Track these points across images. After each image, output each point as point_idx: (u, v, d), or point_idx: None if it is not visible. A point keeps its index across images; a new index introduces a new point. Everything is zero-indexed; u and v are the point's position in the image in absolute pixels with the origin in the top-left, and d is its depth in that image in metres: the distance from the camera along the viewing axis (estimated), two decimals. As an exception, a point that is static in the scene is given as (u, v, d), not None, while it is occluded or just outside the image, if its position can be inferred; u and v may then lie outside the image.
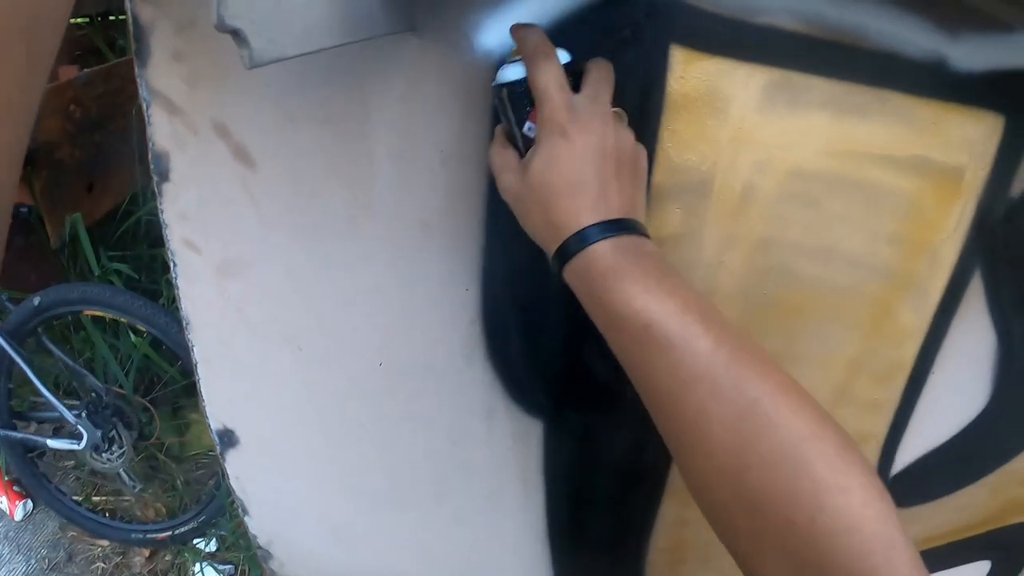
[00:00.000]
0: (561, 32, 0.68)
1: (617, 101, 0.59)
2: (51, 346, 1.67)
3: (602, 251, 0.51)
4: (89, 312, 1.55)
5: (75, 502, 1.86)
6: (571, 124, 0.53)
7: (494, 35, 0.70)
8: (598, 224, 0.52)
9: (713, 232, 0.77)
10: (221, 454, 1.24)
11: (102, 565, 1.83)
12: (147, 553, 1.81)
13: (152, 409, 1.71)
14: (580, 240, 0.52)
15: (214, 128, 0.81)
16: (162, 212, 0.90)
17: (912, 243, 0.83)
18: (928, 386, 0.95)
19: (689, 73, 0.70)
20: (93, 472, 1.96)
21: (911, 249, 0.83)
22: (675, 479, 0.96)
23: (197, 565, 1.74)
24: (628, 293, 0.49)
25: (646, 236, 0.54)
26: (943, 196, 0.80)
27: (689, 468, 0.49)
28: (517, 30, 0.59)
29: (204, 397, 1.14)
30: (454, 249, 0.81)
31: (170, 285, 1.76)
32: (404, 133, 0.76)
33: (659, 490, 0.97)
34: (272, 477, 1.26)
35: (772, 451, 0.44)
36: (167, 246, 0.93)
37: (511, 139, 0.60)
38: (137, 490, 1.86)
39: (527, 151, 0.56)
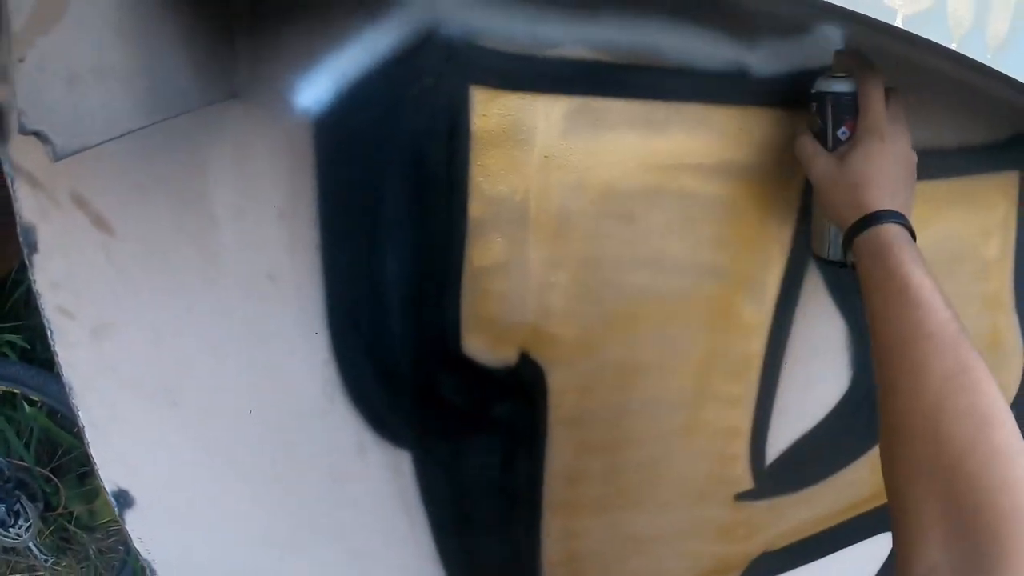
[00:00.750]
0: (369, 84, 0.72)
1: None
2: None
3: (892, 229, 0.66)
4: (-21, 386, 1.52)
5: (-9, 583, 1.82)
6: (888, 133, 0.69)
7: (309, 95, 0.75)
8: (892, 211, 0.67)
9: (537, 256, 0.81)
10: (120, 515, 1.24)
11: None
12: (63, 630, 1.78)
13: (56, 479, 1.68)
14: (879, 219, 0.67)
15: (73, 199, 0.85)
16: (34, 282, 0.93)
17: (739, 242, 0.87)
18: (784, 376, 0.99)
19: (491, 110, 0.75)
20: (4, 550, 1.91)
21: (739, 248, 0.88)
22: (551, 492, 0.99)
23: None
24: (902, 260, 0.63)
25: (915, 235, 0.68)
26: (761, 196, 0.85)
27: (896, 404, 0.59)
28: (846, 55, 0.73)
29: (96, 460, 1.15)
30: (299, 297, 0.85)
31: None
32: (240, 192, 0.81)
33: (537, 505, 1.00)
34: (173, 534, 1.26)
35: (969, 408, 0.54)
36: (43, 314, 0.95)
37: (819, 137, 0.74)
38: (49, 563, 1.82)
39: (835, 148, 0.72)
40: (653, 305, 0.87)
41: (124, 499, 1.21)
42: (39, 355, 1.71)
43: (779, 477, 1.08)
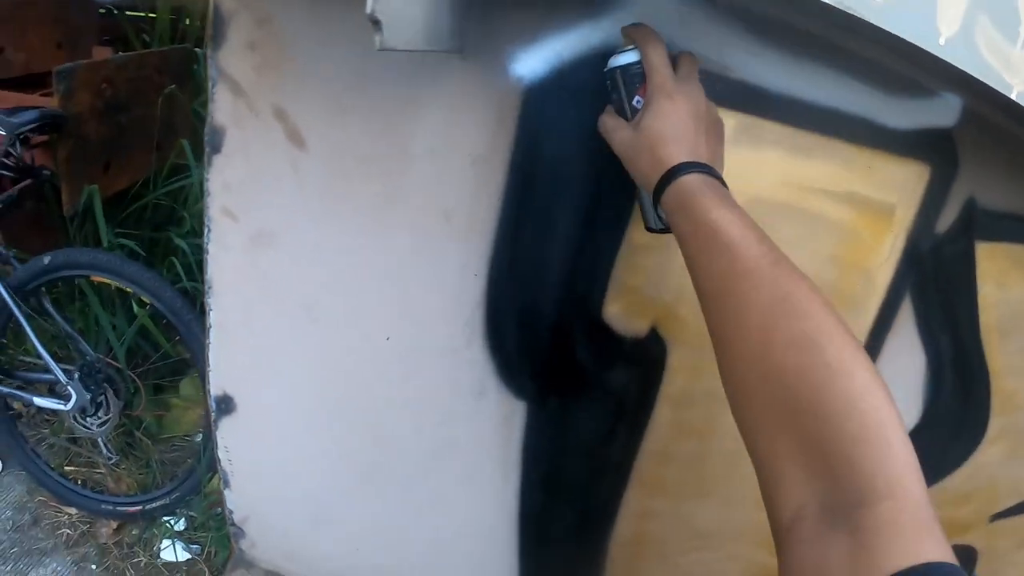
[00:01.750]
0: (578, 67, 0.83)
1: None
2: (51, 308, 1.72)
3: (693, 179, 0.67)
4: (96, 278, 1.60)
5: (48, 466, 1.89)
6: (675, 90, 0.70)
7: (525, 65, 0.86)
8: (691, 163, 0.68)
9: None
10: (215, 422, 1.33)
11: (68, 532, 1.85)
12: (115, 525, 1.83)
13: (139, 383, 1.76)
14: (678, 171, 0.67)
15: (273, 111, 0.94)
16: (207, 181, 1.01)
17: (849, 266, 0.96)
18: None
19: None
20: (71, 440, 1.99)
21: (849, 271, 0.96)
22: (641, 468, 1.07)
23: (165, 541, 1.77)
24: (707, 207, 0.63)
25: (724, 183, 0.69)
26: (876, 227, 0.94)
27: (726, 350, 0.59)
28: (629, 27, 0.76)
29: (211, 362, 1.23)
30: (470, 238, 0.93)
31: (172, 268, 1.85)
32: (440, 135, 0.90)
33: (624, 479, 1.08)
34: (262, 448, 1.34)
35: (795, 334, 0.53)
36: (205, 213, 1.04)
37: (619, 111, 0.77)
38: (112, 462, 1.90)
39: (634, 118, 0.74)
40: None
41: (226, 405, 1.29)
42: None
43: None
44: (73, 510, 1.90)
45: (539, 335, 0.99)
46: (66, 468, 1.96)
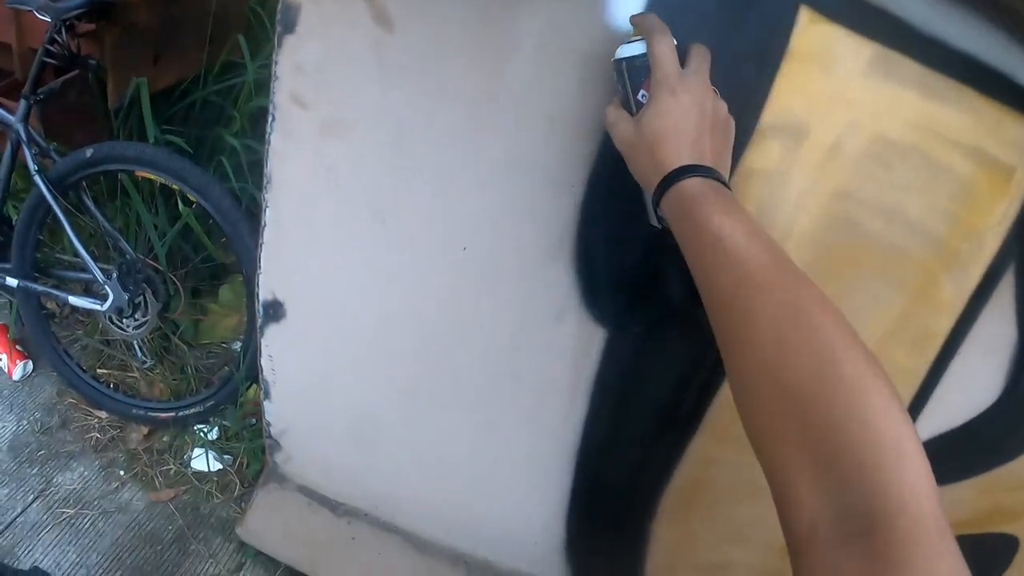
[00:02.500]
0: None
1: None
2: (90, 204, 1.67)
3: (694, 183, 0.64)
4: (141, 173, 1.53)
5: (80, 368, 1.86)
6: (679, 85, 0.66)
7: None
8: (693, 165, 0.65)
9: (802, 174, 0.83)
10: (261, 328, 1.28)
11: (96, 436, 1.83)
12: (145, 431, 1.81)
13: (179, 286, 1.72)
14: (679, 175, 0.65)
15: None
16: (276, 64, 0.94)
17: (962, 223, 0.89)
18: (953, 365, 1.02)
19: (811, 32, 0.77)
20: (104, 343, 1.96)
21: (961, 228, 0.89)
22: (714, 416, 1.02)
23: (196, 450, 1.75)
24: (709, 213, 0.61)
25: (728, 185, 0.66)
26: (994, 188, 0.87)
27: (735, 360, 0.57)
28: (636, 16, 0.72)
29: (261, 264, 1.18)
30: (573, 144, 0.86)
31: (219, 168, 1.79)
32: (552, 28, 0.81)
33: (694, 425, 1.03)
34: (309, 360, 1.29)
35: (808, 345, 0.51)
36: (271, 99, 0.97)
37: (624, 105, 0.73)
38: (147, 366, 1.87)
39: (638, 112, 0.70)
40: (875, 254, 0.89)
41: (275, 311, 1.24)
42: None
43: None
44: (103, 414, 1.88)
45: (631, 258, 0.92)
46: (98, 371, 1.93)
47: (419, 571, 1.46)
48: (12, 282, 1.74)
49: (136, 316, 1.70)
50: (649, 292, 0.93)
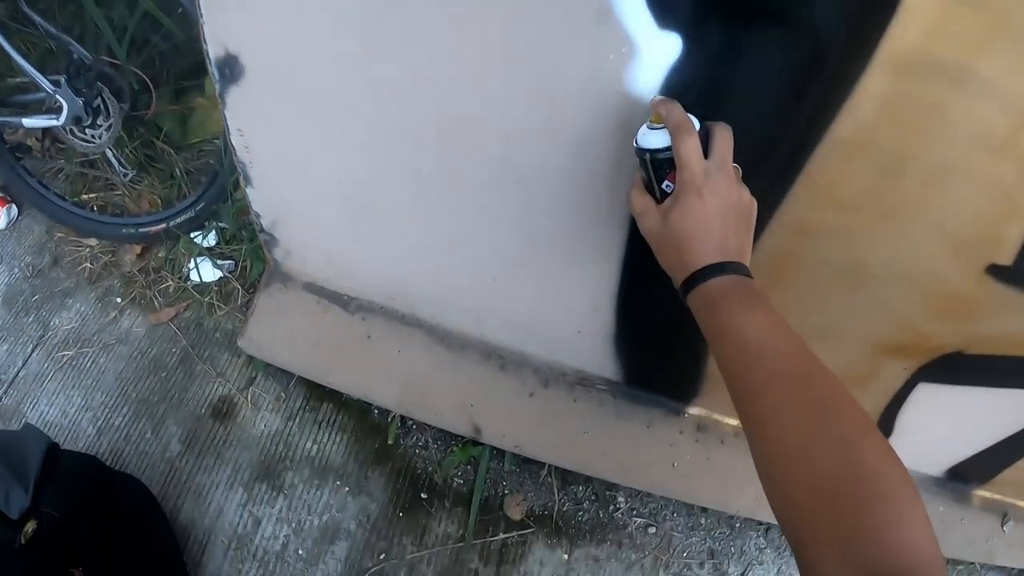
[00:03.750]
0: None
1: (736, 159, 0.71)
2: (27, 10, 1.41)
3: (720, 283, 0.67)
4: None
5: (61, 198, 1.68)
6: (705, 187, 0.68)
7: None
8: (718, 264, 0.68)
9: None
10: (220, 95, 1.03)
11: (89, 266, 1.69)
12: (138, 250, 1.66)
13: (146, 78, 1.48)
14: (704, 275, 0.68)
15: None
16: None
17: None
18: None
19: None
20: (86, 165, 1.77)
21: None
22: (814, 170, 0.79)
23: (192, 261, 1.59)
24: (733, 312, 0.65)
25: (751, 278, 0.69)
26: None
27: (761, 451, 0.59)
28: (661, 105, 0.71)
29: (202, 8, 0.92)
30: None
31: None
32: None
33: (788, 181, 0.80)
34: (284, 127, 1.04)
35: (833, 438, 0.55)
36: None
37: (648, 188, 0.75)
38: (129, 177, 1.68)
39: (663, 200, 0.72)
40: None
41: (230, 68, 0.98)
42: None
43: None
44: (93, 241, 1.72)
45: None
46: (84, 197, 1.75)
47: (445, 368, 1.29)
48: (-37, 121, 1.53)
49: (99, 122, 1.48)
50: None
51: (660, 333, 1.17)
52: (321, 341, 1.33)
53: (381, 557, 1.36)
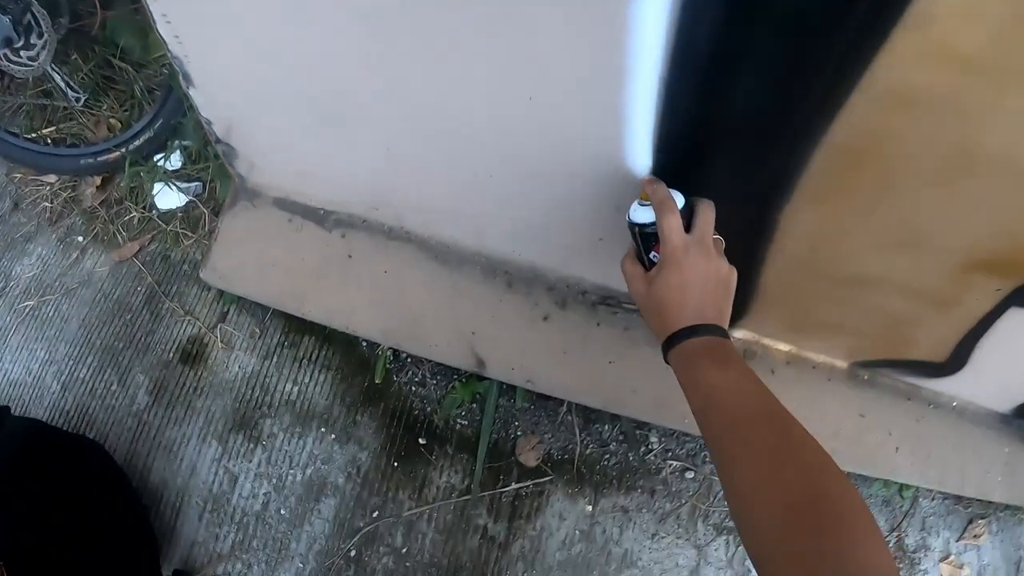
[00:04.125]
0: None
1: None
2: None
3: (694, 343, 0.75)
4: None
5: (14, 135, 1.52)
6: (684, 260, 0.76)
7: None
8: (694, 326, 0.75)
9: None
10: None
11: (48, 205, 1.53)
12: (98, 181, 1.48)
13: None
14: (681, 336, 0.75)
15: None
16: None
17: None
18: None
19: None
20: (41, 95, 1.58)
21: None
22: (886, 60, 0.60)
23: (157, 185, 1.42)
24: (705, 369, 0.72)
25: (727, 337, 0.76)
26: None
27: (731, 486, 0.64)
28: (648, 185, 0.81)
29: None
30: None
31: None
32: None
33: (856, 70, 0.62)
34: (219, 13, 0.87)
35: (793, 471, 0.61)
36: None
37: (638, 257, 0.83)
38: (81, 102, 1.49)
39: (651, 268, 0.81)
40: None
41: None
42: None
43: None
44: (53, 178, 1.55)
45: None
46: (44, 132, 1.58)
47: (439, 289, 1.10)
48: None
49: (33, 41, 1.30)
50: None
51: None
52: (296, 265, 1.14)
53: (374, 515, 1.20)
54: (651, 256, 0.80)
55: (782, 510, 0.58)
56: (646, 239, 0.80)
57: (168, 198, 1.40)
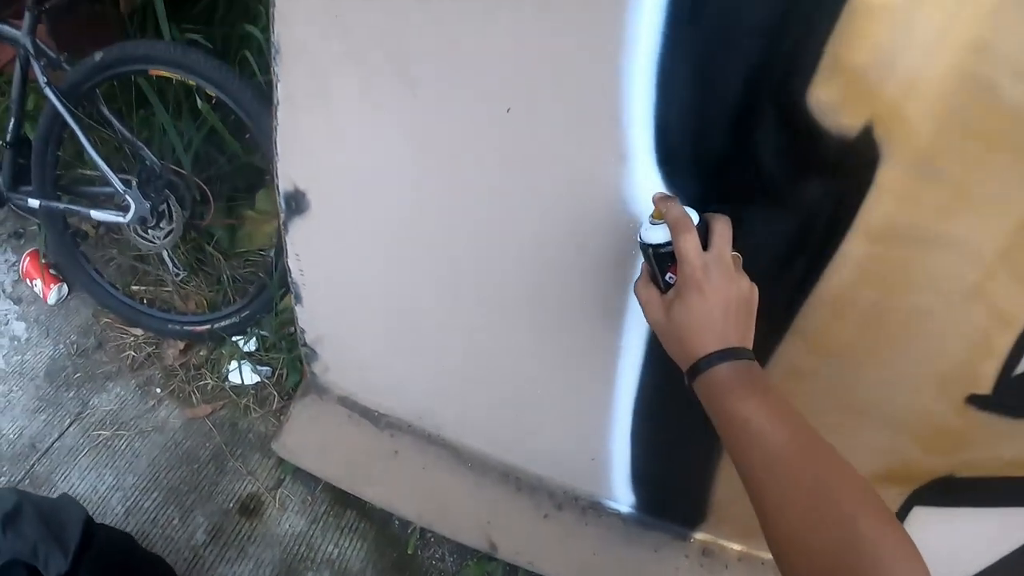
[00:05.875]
0: None
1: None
2: (107, 112, 1.56)
3: (721, 371, 0.70)
4: (154, 71, 1.40)
5: (113, 286, 1.80)
6: (705, 282, 0.71)
7: None
8: (719, 352, 0.71)
9: (928, 20, 0.67)
10: (284, 224, 1.16)
11: (133, 354, 1.79)
12: (181, 346, 1.76)
13: (207, 190, 1.61)
14: (707, 364, 0.71)
15: None
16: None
17: None
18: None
19: None
20: (137, 259, 1.89)
21: None
22: (805, 319, 0.89)
23: (233, 363, 1.69)
24: (736, 399, 0.68)
25: (753, 360, 0.72)
26: None
27: (768, 527, 0.63)
28: (661, 202, 0.76)
29: (278, 149, 1.05)
30: None
31: (246, 65, 1.65)
32: None
33: (785, 325, 0.90)
34: (338, 257, 1.18)
35: (831, 514, 0.59)
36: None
37: (652, 279, 0.78)
38: (180, 278, 1.80)
39: (667, 291, 0.76)
40: (1013, 125, 0.71)
41: (297, 203, 1.10)
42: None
43: (1018, 395, 0.96)
44: (139, 331, 1.83)
45: (717, 119, 0.76)
46: (133, 288, 1.87)
47: (466, 486, 1.38)
48: (34, 203, 1.68)
49: (162, 225, 1.61)
50: (738, 163, 0.78)
51: (671, 466, 1.25)
52: (351, 452, 1.43)
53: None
54: (667, 278, 0.76)
55: (818, 564, 0.57)
56: (660, 260, 0.76)
57: (243, 375, 1.69)
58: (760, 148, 0.75)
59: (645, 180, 0.82)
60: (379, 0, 0.80)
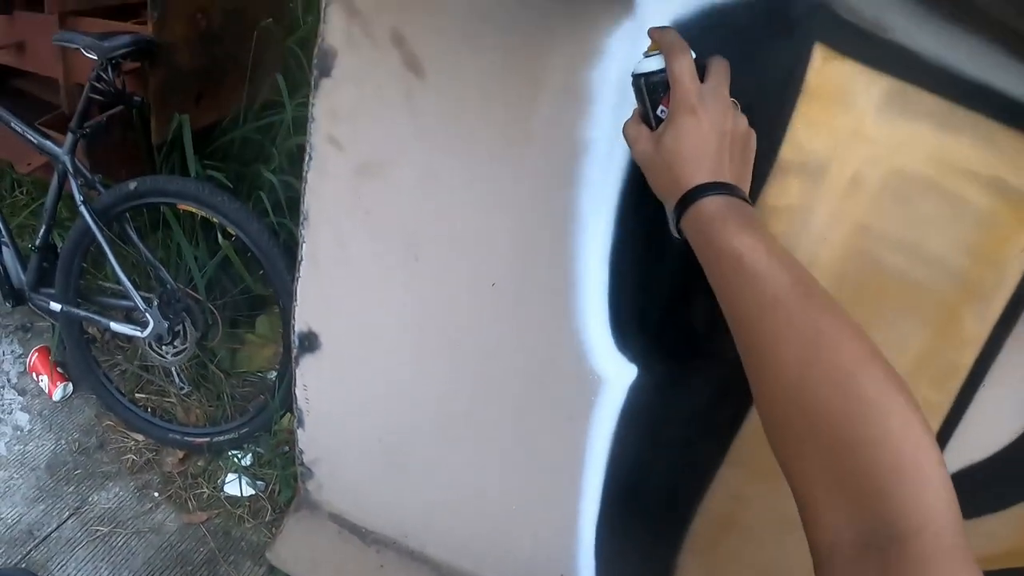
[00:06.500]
0: (729, 15, 0.77)
1: (734, 92, 0.72)
2: (133, 235, 1.72)
3: (713, 202, 0.65)
4: (183, 207, 1.59)
5: (119, 391, 1.92)
6: (699, 105, 0.66)
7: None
8: (712, 183, 0.66)
9: (822, 209, 0.84)
10: (296, 359, 1.31)
11: (133, 458, 1.88)
12: (180, 455, 1.86)
13: (218, 315, 1.77)
14: (698, 193, 0.65)
15: (391, 36, 0.89)
16: (313, 106, 0.98)
17: (983, 255, 0.88)
18: (978, 398, 1.01)
19: (826, 69, 0.79)
20: (143, 368, 2.03)
21: (981, 260, 0.89)
22: (738, 451, 1.02)
23: (229, 475, 1.79)
24: (729, 232, 0.62)
25: (749, 202, 0.67)
26: (1013, 218, 0.86)
27: (759, 380, 0.58)
28: (655, 30, 0.71)
29: (298, 297, 1.22)
30: (601, 187, 0.88)
31: (258, 203, 1.85)
32: (574, 66, 0.84)
33: (720, 457, 1.03)
34: (342, 389, 1.32)
35: (830, 370, 0.53)
36: (308, 139, 1.01)
37: (644, 119, 0.73)
38: (184, 391, 1.92)
39: (658, 127, 0.70)
40: (899, 288, 0.89)
41: (310, 343, 1.27)
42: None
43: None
44: (140, 437, 1.94)
45: (659, 297, 0.93)
46: (137, 395, 2.00)
47: (445, 599, 1.47)
48: (56, 307, 1.82)
49: (175, 343, 1.76)
50: (676, 331, 0.95)
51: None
52: (339, 566, 1.52)
53: None
54: (659, 112, 0.70)
55: (813, 422, 0.52)
56: (652, 91, 0.70)
57: (236, 487, 1.80)
58: (700, 312, 0.92)
59: (599, 338, 0.98)
60: (393, 188, 0.99)
